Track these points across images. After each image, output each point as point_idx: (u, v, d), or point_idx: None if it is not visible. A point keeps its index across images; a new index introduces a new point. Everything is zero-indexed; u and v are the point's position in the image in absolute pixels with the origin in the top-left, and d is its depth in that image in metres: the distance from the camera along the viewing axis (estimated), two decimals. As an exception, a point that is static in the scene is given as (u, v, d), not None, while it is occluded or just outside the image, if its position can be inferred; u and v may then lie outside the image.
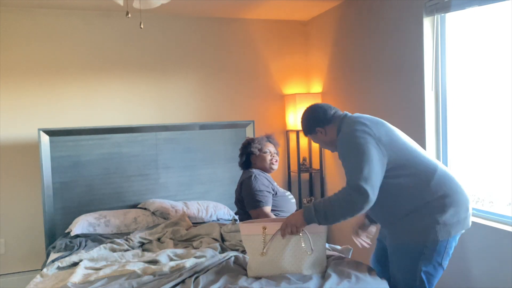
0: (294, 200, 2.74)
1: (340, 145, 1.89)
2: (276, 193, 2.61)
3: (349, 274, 1.88)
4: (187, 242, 2.70)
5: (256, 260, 1.96)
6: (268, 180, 2.64)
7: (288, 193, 2.73)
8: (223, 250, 2.45)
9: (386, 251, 2.01)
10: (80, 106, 3.55)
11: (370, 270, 1.96)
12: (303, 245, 1.92)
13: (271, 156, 2.74)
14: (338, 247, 2.36)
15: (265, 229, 1.95)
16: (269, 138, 2.81)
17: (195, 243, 2.61)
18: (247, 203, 2.54)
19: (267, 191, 2.55)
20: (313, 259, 1.94)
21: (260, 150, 2.72)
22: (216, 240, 2.64)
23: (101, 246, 2.55)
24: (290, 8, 3.74)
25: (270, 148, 2.76)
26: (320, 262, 1.96)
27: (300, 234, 1.92)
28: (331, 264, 1.99)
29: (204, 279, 1.94)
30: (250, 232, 1.97)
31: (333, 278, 1.85)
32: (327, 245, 2.35)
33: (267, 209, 2.50)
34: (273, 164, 2.74)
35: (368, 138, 1.80)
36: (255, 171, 2.65)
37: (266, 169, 2.72)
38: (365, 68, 3.34)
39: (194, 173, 3.55)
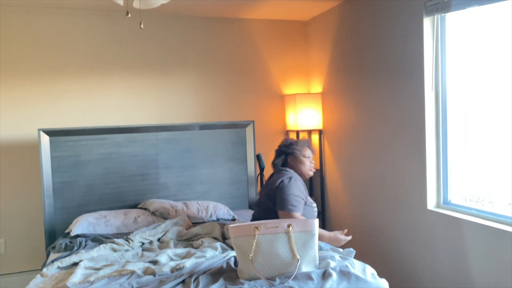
0: (316, 211, 2.70)
1: None
2: (305, 203, 2.58)
3: (349, 274, 1.88)
4: (187, 241, 2.70)
5: (247, 264, 1.91)
6: (303, 186, 2.61)
7: (315, 204, 2.69)
8: (223, 249, 2.44)
9: None
10: (80, 106, 3.55)
11: (370, 270, 1.96)
12: (293, 246, 1.89)
13: (310, 162, 2.71)
14: (340, 249, 2.35)
15: (257, 229, 1.90)
16: (309, 145, 2.76)
17: (195, 243, 2.60)
18: (280, 203, 2.47)
19: (301, 198, 2.51)
20: (304, 258, 1.92)
21: (303, 155, 2.68)
22: (216, 239, 2.64)
23: (101, 246, 2.55)
24: (290, 8, 3.74)
25: (310, 154, 2.73)
26: (312, 260, 1.95)
27: (291, 232, 1.90)
28: (331, 264, 1.99)
29: (204, 279, 1.93)
30: (240, 234, 1.91)
31: (333, 278, 1.85)
32: (329, 247, 2.34)
33: (298, 215, 2.45)
34: (311, 170, 2.72)
35: None
36: (294, 174, 2.60)
37: (303, 174, 2.68)
38: (365, 68, 3.34)
39: (194, 173, 3.55)
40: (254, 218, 2.69)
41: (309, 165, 2.70)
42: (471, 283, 2.50)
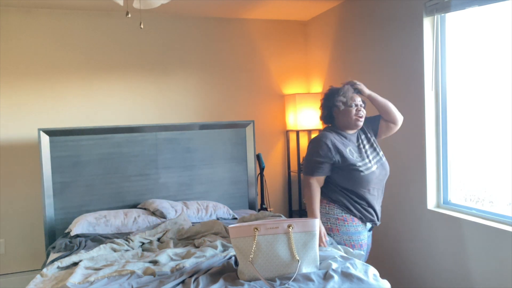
0: (367, 172, 2.30)
1: None
2: (339, 161, 2.28)
3: (351, 275, 1.88)
4: (187, 240, 2.70)
5: (247, 265, 1.90)
6: (331, 147, 2.28)
7: (362, 164, 2.31)
8: (224, 246, 2.43)
9: None
10: (80, 106, 3.55)
11: (372, 271, 1.96)
12: (292, 247, 1.89)
13: (356, 110, 2.34)
14: (351, 250, 2.32)
15: (256, 230, 1.88)
16: (355, 89, 2.40)
17: (197, 241, 2.60)
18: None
19: (318, 160, 2.28)
20: (304, 259, 1.91)
21: (345, 103, 2.33)
22: (217, 234, 2.63)
23: (101, 246, 2.54)
24: (290, 8, 3.74)
25: (357, 100, 2.35)
26: (313, 261, 1.94)
27: (291, 233, 1.89)
28: (332, 266, 1.99)
29: (204, 279, 1.93)
30: (240, 235, 1.90)
31: (335, 279, 1.84)
32: (340, 247, 2.32)
33: (311, 180, 2.30)
34: (358, 120, 2.34)
35: None
36: (327, 134, 2.33)
37: (349, 126, 2.37)
38: (365, 68, 3.34)
39: (194, 173, 3.55)
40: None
41: (355, 114, 2.33)
42: (471, 282, 2.50)
